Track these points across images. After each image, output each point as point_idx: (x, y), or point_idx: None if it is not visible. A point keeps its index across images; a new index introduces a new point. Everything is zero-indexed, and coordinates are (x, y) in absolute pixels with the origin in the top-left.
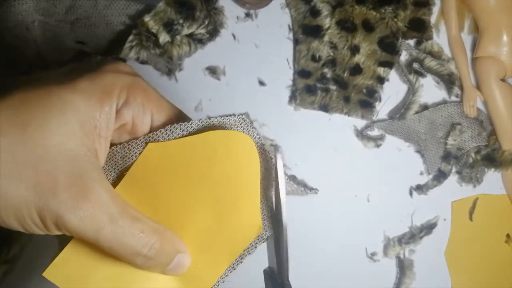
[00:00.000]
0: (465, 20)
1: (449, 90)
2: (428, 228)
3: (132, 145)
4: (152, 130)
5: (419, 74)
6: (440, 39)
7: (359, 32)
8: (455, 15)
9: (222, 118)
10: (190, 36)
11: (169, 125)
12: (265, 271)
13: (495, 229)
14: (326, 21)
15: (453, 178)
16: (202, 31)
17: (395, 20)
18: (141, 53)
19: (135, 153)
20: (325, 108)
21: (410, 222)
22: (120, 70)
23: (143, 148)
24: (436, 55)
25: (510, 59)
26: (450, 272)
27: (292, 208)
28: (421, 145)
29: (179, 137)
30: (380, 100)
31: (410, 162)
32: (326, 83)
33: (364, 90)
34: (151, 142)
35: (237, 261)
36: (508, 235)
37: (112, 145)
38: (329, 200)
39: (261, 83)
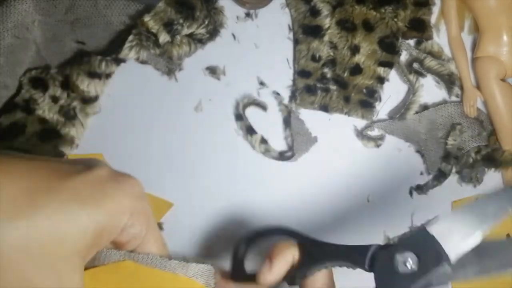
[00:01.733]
0: (465, 20)
1: (449, 90)
2: None
3: (110, 254)
4: (135, 251)
5: (419, 74)
6: (440, 39)
7: (359, 32)
8: (455, 15)
9: (197, 265)
10: (190, 36)
11: (152, 255)
12: None
13: (495, 229)
14: (326, 21)
15: (453, 178)
16: (202, 31)
17: (395, 20)
18: (141, 53)
19: (109, 260)
20: (325, 108)
21: (410, 222)
22: (135, 193)
23: (119, 260)
24: (436, 55)
25: (510, 59)
26: None
27: (291, 208)
28: (421, 145)
29: (156, 268)
30: (380, 100)
31: (410, 162)
32: (326, 83)
33: (364, 90)
34: (130, 260)
35: None
36: (508, 235)
37: None
38: (329, 200)
39: (261, 83)
